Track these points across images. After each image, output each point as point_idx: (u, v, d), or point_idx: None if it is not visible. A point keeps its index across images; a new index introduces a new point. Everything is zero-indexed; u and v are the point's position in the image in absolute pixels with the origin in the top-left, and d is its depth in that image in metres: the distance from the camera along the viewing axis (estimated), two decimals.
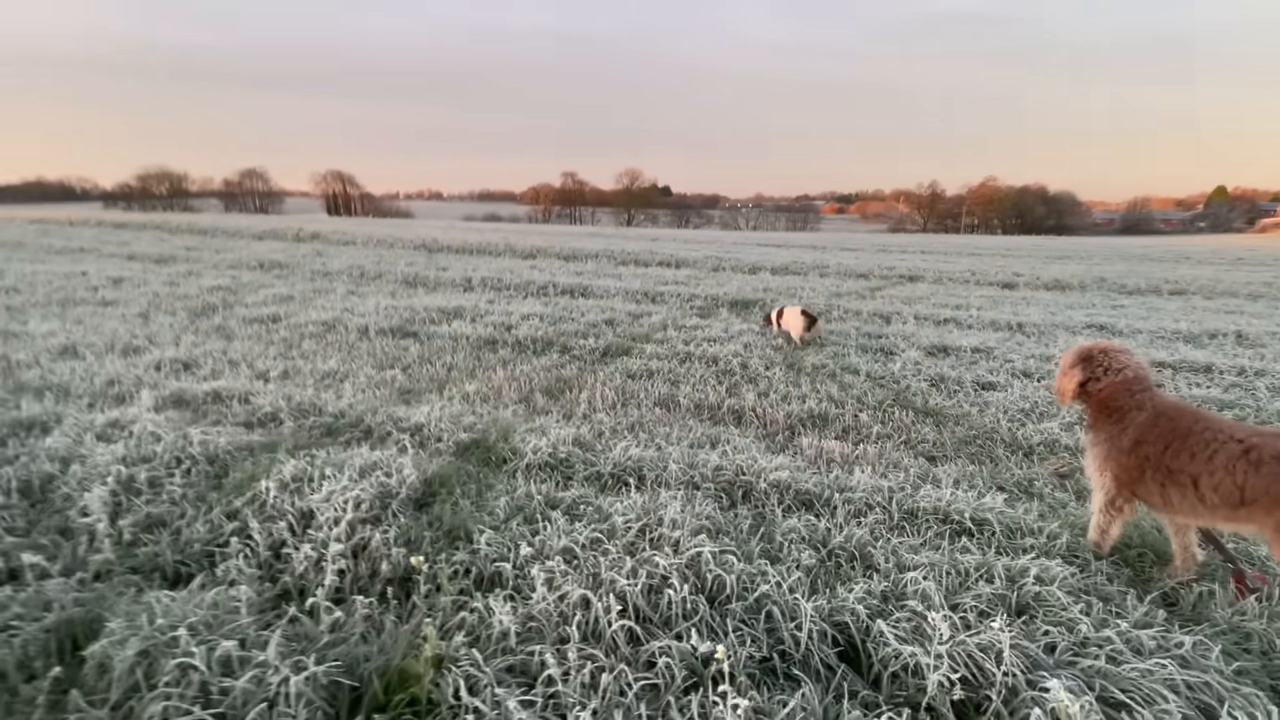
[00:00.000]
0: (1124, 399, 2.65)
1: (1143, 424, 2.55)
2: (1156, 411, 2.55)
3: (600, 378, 5.31)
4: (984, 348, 6.60)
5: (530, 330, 6.95)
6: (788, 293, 10.80)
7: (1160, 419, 2.52)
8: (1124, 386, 2.67)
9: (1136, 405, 2.60)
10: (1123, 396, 2.65)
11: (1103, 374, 2.75)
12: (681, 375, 5.46)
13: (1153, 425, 2.52)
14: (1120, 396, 2.66)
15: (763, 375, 5.49)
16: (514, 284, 10.63)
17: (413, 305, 8.17)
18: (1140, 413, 2.58)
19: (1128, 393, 2.65)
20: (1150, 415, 2.55)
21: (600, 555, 2.39)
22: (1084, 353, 2.83)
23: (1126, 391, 2.65)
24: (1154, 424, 2.52)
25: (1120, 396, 2.66)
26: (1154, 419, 2.53)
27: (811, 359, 6.02)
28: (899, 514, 3.00)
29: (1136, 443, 2.54)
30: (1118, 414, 2.64)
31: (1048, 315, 9.19)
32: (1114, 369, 2.73)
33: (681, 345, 6.45)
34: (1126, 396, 2.64)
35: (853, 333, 7.40)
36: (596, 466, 3.41)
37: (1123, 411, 2.63)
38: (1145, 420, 2.55)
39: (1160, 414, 2.53)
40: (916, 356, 6.20)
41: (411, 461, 3.20)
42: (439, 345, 6.39)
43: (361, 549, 2.48)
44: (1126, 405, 2.63)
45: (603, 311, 8.30)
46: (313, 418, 4.13)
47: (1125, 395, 2.65)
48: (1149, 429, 2.52)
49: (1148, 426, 2.53)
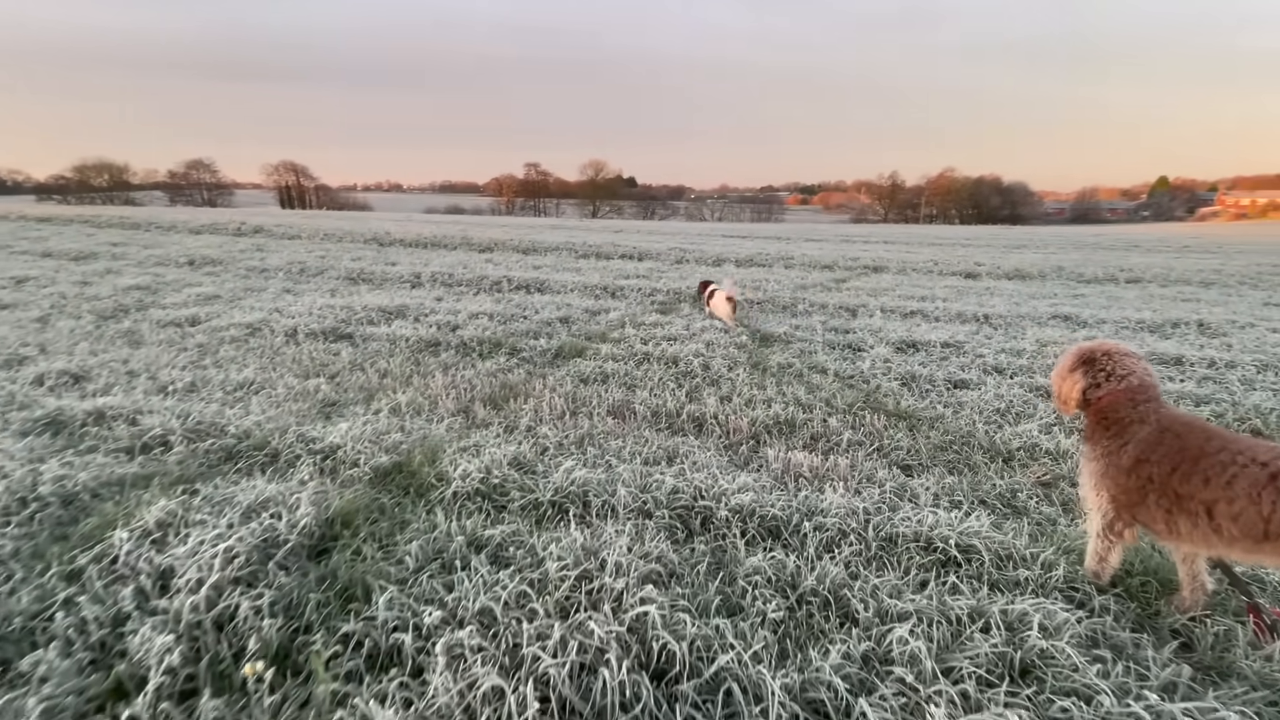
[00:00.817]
0: (1125, 410, 2.32)
1: (1145, 440, 2.22)
2: (1162, 426, 2.22)
3: (549, 383, 4.85)
4: (953, 342, 6.36)
5: (477, 331, 6.43)
6: (751, 285, 10.47)
7: (1166, 435, 2.19)
8: (1126, 395, 2.35)
9: (1138, 418, 2.28)
10: (1124, 407, 2.33)
11: (1104, 379, 2.43)
12: (638, 379, 5.04)
13: (1157, 442, 2.19)
14: (1121, 407, 2.34)
15: (726, 377, 5.11)
16: (466, 279, 10.05)
17: (352, 304, 7.55)
18: (1143, 427, 2.26)
19: (1129, 403, 2.33)
20: (1154, 430, 2.22)
21: (525, 618, 1.96)
22: (1085, 354, 2.50)
23: (1129, 402, 2.33)
24: (1159, 441, 2.19)
25: (1121, 407, 2.34)
26: (1159, 435, 2.21)
27: (777, 358, 5.66)
28: (876, 542, 2.64)
29: (1138, 461, 2.21)
30: (1117, 426, 2.32)
31: (1013, 306, 9.07)
32: (1117, 374, 2.40)
33: (640, 345, 6.02)
34: (1128, 407, 2.32)
35: (819, 328, 7.09)
36: (535, 494, 2.96)
37: (1123, 424, 2.31)
38: (1148, 436, 2.22)
39: (1166, 429, 2.21)
40: (886, 353, 5.90)
41: (311, 496, 2.70)
42: (375, 349, 5.83)
43: (228, 619, 2.00)
44: (1127, 417, 2.30)
45: (558, 308, 7.82)
46: (211, 440, 3.57)
47: (1126, 406, 2.33)
48: (1153, 446, 2.19)
49: (1151, 443, 2.20)
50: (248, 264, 11.42)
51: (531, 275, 10.59)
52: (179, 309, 7.30)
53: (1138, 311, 8.75)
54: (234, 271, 10.66)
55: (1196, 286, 12.43)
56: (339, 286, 9.43)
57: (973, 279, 13.12)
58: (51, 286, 8.70)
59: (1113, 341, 2.50)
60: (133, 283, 9.00)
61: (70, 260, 11.81)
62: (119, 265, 11.07)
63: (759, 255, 15.85)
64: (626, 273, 11.68)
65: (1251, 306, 9.88)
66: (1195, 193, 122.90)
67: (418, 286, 9.69)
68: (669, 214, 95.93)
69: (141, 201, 72.67)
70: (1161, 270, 14.69)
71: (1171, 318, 8.14)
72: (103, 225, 19.86)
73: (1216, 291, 11.77)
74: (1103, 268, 14.98)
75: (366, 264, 11.85)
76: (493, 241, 16.66)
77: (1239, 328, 7.59)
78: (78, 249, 13.23)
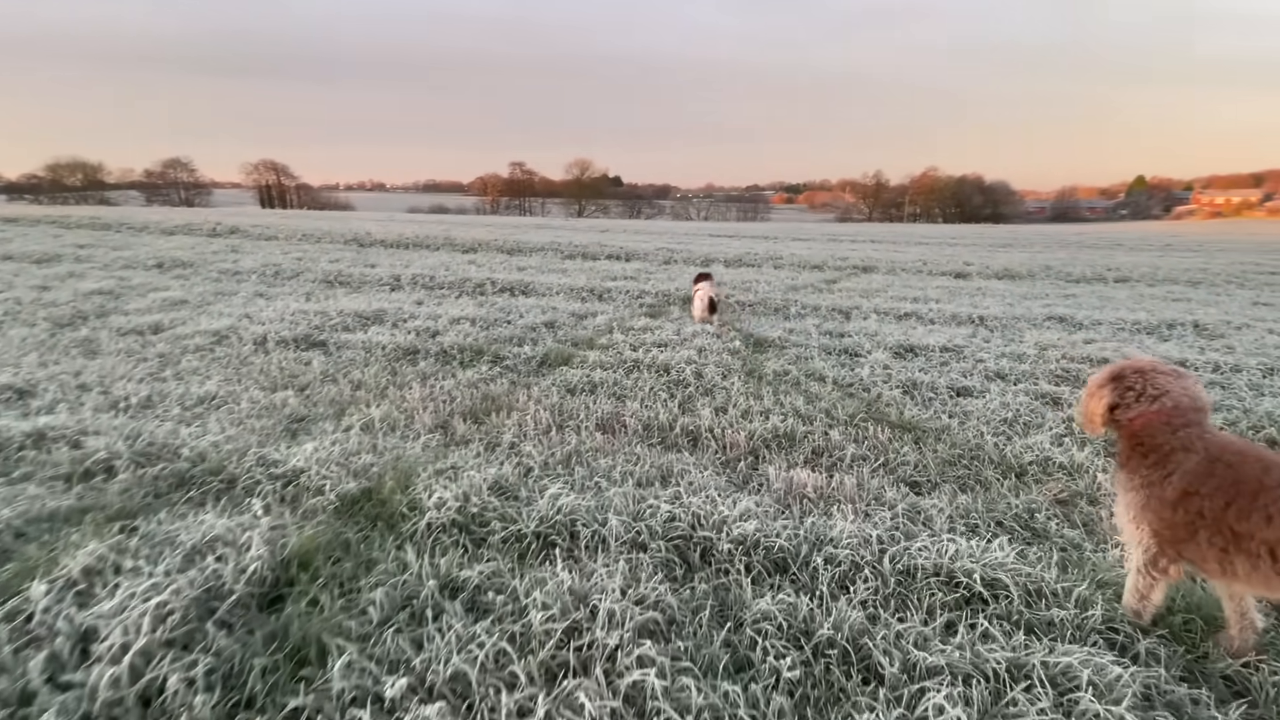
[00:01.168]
0: (1163, 435, 2.10)
1: (1193, 471, 1.99)
2: (1211, 455, 2.00)
3: (534, 394, 4.57)
4: (952, 346, 6.17)
5: (459, 337, 6.13)
6: (742, 287, 10.25)
7: (1217, 466, 1.97)
8: (1162, 418, 2.13)
9: (1181, 445, 2.05)
10: (1161, 432, 2.10)
11: (1134, 399, 2.21)
12: (629, 388, 4.78)
13: (1207, 473, 1.97)
14: (1158, 432, 2.11)
15: (720, 386, 4.86)
16: (448, 282, 9.72)
17: (327, 310, 7.20)
18: (1188, 455, 2.03)
19: (1167, 427, 2.10)
20: (1203, 460, 2.00)
21: (505, 685, 1.69)
22: (1115, 371, 2.28)
23: (1166, 426, 2.11)
24: (1209, 472, 1.97)
25: (1158, 432, 2.11)
26: (1208, 465, 1.98)
27: (773, 365, 5.43)
28: (894, 577, 2.41)
29: (1185, 494, 1.99)
30: (1156, 454, 2.09)
31: (1006, 307, 8.93)
32: (1149, 394, 2.18)
33: (629, 351, 5.75)
34: (1166, 433, 2.09)
35: (813, 331, 6.87)
36: (518, 524, 2.69)
37: (1163, 452, 2.08)
38: (1197, 466, 2.00)
39: (1217, 459, 1.98)
40: (884, 358, 5.69)
41: (266, 534, 2.41)
42: (349, 358, 5.51)
43: (155, 694, 1.71)
44: (1168, 444, 2.08)
45: (544, 312, 7.53)
46: (161, 464, 3.25)
47: (1164, 431, 2.10)
48: (1202, 478, 1.97)
49: (1200, 475, 1.98)
50: (220, 266, 10.98)
51: (516, 277, 10.29)
52: (142, 315, 6.91)
53: (1132, 312, 8.64)
54: (205, 275, 10.24)
55: (1185, 286, 12.42)
56: (315, 290, 9.06)
57: (963, 279, 13.02)
58: (8, 291, 8.24)
59: (1150, 359, 2.28)
60: (95, 287, 8.56)
61: (32, 263, 11.29)
62: (83, 268, 10.59)
63: (747, 255, 15.66)
64: (613, 274, 11.41)
65: (1242, 306, 9.84)
66: (1171, 192, 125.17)
67: (397, 290, 9.34)
68: (655, 213, 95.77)
69: (117, 201, 70.92)
70: (1148, 269, 14.71)
71: (1166, 319, 8.04)
72: (71, 226, 19.19)
73: (1205, 291, 11.76)
74: (1090, 267, 14.97)
75: (345, 266, 11.46)
76: (476, 242, 16.31)
77: (1235, 329, 7.50)
78: (41, 251, 12.68)
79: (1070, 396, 4.72)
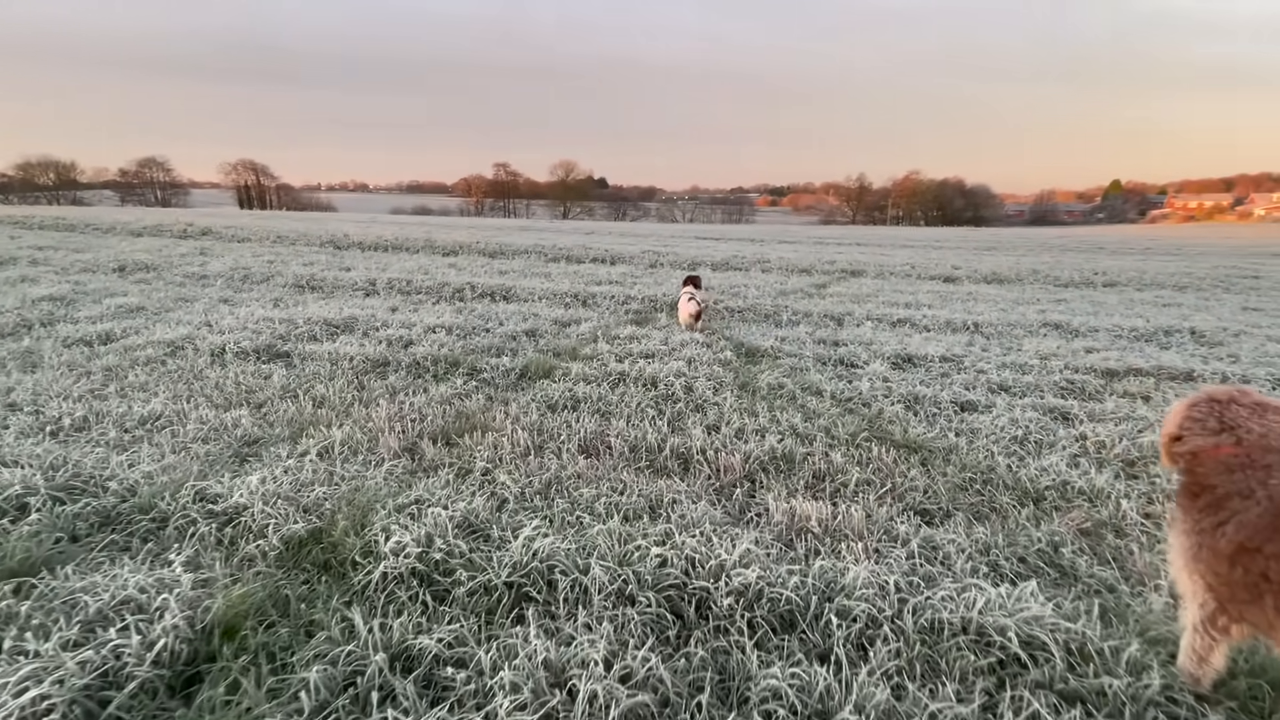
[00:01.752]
0: (1217, 476, 1.81)
1: (1253, 524, 1.69)
2: (1278, 507, 1.70)
3: (512, 411, 4.23)
4: (951, 356, 5.92)
5: (433, 347, 5.76)
6: (730, 292, 9.97)
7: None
8: (1219, 456, 1.84)
9: (1240, 491, 1.76)
10: (1216, 472, 1.82)
11: (1197, 431, 1.93)
12: (614, 404, 4.45)
13: (1272, 529, 1.68)
14: (1212, 471, 1.83)
15: (711, 401, 4.55)
16: (426, 287, 9.32)
17: (294, 317, 6.79)
18: (1246, 504, 1.73)
19: (1223, 467, 1.81)
20: (1267, 511, 1.70)
21: None
22: (1193, 398, 1.99)
23: (1222, 465, 1.82)
24: (1274, 527, 1.68)
25: (1212, 471, 1.83)
26: (1273, 519, 1.68)
27: (767, 377, 5.13)
28: (918, 636, 2.11)
29: (1242, 550, 1.69)
30: (1208, 497, 1.81)
31: (1000, 313, 8.74)
32: (1212, 427, 1.90)
33: (614, 363, 5.43)
34: (1221, 473, 1.81)
35: (807, 339, 6.60)
36: (487, 574, 2.35)
37: (1215, 496, 1.79)
38: (1258, 519, 1.70)
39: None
40: (883, 370, 5.42)
41: (186, 596, 2.05)
42: (313, 371, 5.12)
43: None
44: (1222, 488, 1.79)
45: (525, 319, 7.19)
46: (84, 500, 2.86)
47: (1219, 471, 1.81)
48: (1266, 534, 1.67)
49: (1263, 530, 1.68)
50: (186, 270, 10.49)
51: (497, 282, 9.92)
52: (93, 324, 6.45)
53: (1126, 318, 8.50)
54: (168, 279, 9.74)
55: (1172, 290, 12.37)
56: (284, 295, 8.61)
57: (952, 283, 12.88)
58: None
59: (1238, 388, 1.98)
60: (48, 293, 8.05)
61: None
62: (38, 272, 10.03)
63: (735, 258, 15.41)
64: (598, 278, 11.08)
65: (1233, 311, 9.76)
66: (1146, 196, 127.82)
67: (372, 295, 8.93)
68: (640, 215, 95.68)
69: (90, 201, 69.15)
70: (1134, 273, 14.70)
71: (1162, 325, 7.88)
72: (33, 227, 18.45)
73: (1194, 296, 11.71)
74: (1077, 271, 14.93)
75: (318, 269, 11.02)
76: (458, 244, 15.89)
77: (1233, 336, 7.36)
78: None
79: (1080, 411, 4.48)
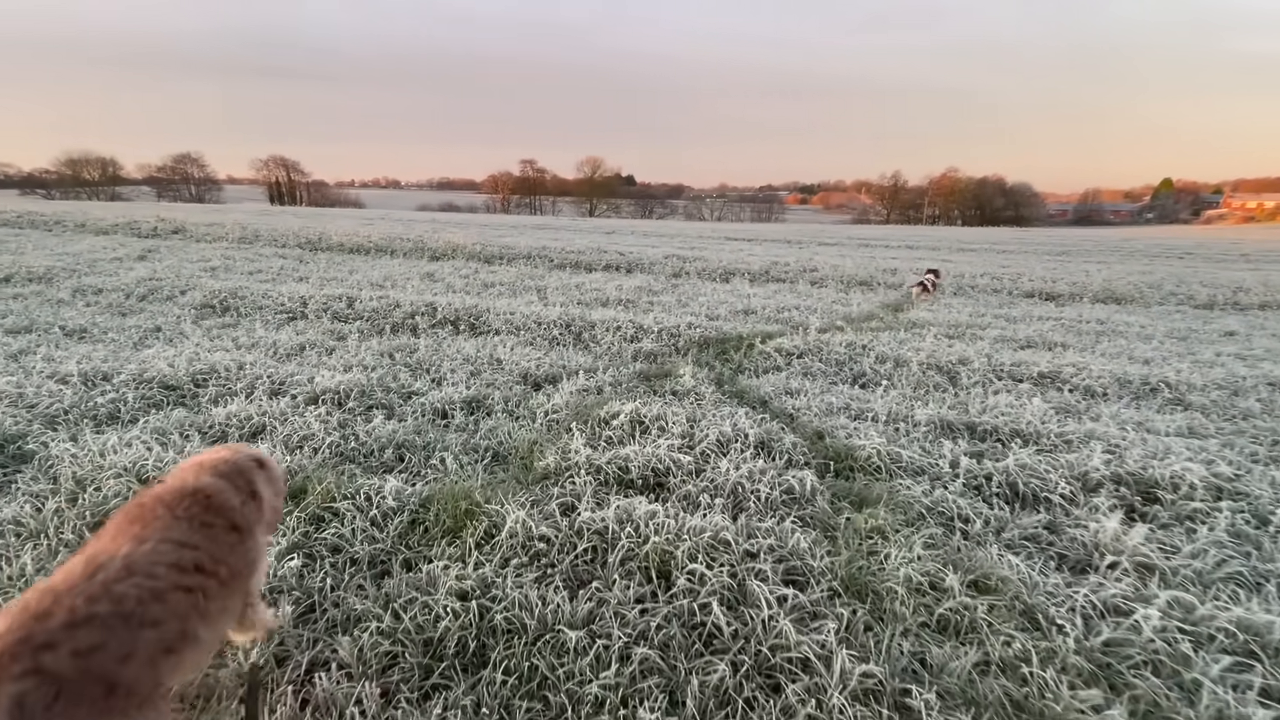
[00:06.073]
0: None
1: None
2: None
3: (326, 688, 1.80)
4: (1220, 480, 3.30)
5: (279, 454, 3.37)
6: (781, 319, 7.41)
7: None
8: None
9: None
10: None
11: None
12: (568, 645, 2.00)
13: None
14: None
15: (789, 646, 2.06)
16: (370, 309, 6.94)
17: (114, 369, 4.48)
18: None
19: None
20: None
21: None
22: None
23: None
24: None
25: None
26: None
27: (893, 553, 2.61)
28: None
29: None
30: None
31: (1183, 360, 6.03)
32: None
33: (592, 489, 2.97)
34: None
35: (923, 423, 4.03)
36: None
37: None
38: None
39: None
40: (1116, 529, 2.83)
41: None
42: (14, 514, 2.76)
43: None
44: None
45: (476, 373, 4.79)
46: None
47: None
48: None
49: None
50: (88, 281, 8.30)
51: (471, 302, 7.50)
52: None
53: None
54: (49, 295, 7.53)
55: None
56: (168, 322, 6.33)
57: (1057, 301, 10.11)
58: None
59: None
60: None
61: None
62: None
63: (775, 266, 12.76)
64: (605, 296, 8.60)
65: None
66: (1199, 195, 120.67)
67: (295, 319, 6.61)
68: (667, 213, 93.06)
69: (129, 197, 68.99)
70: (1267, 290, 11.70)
71: None
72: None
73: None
74: (1202, 285, 11.98)
75: (257, 281, 8.78)
76: (450, 246, 13.56)
77: None
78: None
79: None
